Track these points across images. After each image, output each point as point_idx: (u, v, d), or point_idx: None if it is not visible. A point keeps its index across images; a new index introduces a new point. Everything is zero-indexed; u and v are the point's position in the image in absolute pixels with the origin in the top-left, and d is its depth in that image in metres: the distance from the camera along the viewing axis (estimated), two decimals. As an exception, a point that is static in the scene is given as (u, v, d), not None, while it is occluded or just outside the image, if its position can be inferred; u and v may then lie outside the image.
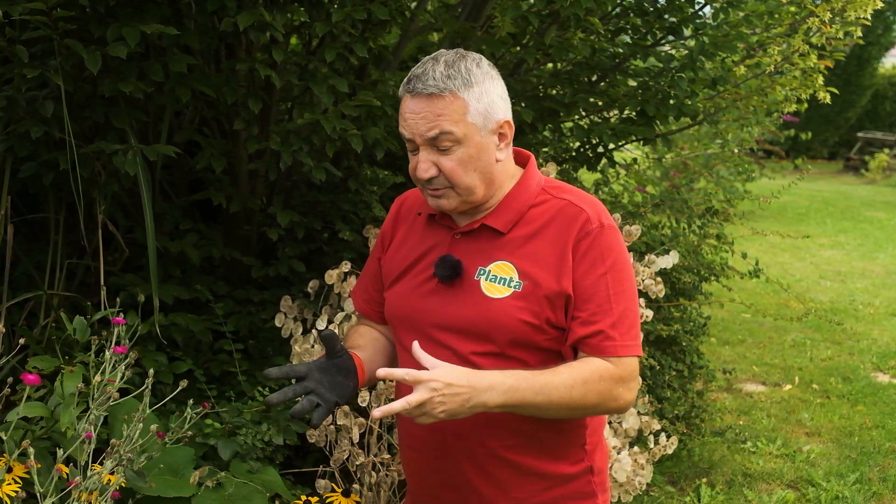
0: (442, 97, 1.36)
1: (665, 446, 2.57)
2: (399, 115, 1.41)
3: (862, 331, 5.51)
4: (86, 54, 2.02)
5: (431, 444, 1.48)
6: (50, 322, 2.34)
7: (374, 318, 1.62)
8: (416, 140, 1.39)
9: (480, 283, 1.42)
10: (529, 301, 1.39)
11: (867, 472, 3.51)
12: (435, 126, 1.36)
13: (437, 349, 1.41)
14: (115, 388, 1.69)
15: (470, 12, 2.79)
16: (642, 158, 4.62)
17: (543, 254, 1.41)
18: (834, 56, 3.20)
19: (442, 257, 1.45)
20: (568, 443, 1.48)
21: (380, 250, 1.61)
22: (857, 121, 14.82)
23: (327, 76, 2.35)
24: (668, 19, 2.86)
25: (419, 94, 1.37)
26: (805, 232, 5.80)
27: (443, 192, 1.41)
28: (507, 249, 1.43)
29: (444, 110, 1.36)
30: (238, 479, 2.09)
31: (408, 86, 1.39)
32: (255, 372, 2.55)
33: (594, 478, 1.52)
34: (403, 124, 1.40)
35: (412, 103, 1.38)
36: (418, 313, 1.47)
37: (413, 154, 1.42)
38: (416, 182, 1.44)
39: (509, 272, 1.41)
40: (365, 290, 1.64)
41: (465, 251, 1.45)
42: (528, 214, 1.44)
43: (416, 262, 1.50)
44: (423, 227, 1.53)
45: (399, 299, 1.51)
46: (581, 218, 1.41)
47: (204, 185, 2.72)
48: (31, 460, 1.45)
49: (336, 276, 2.34)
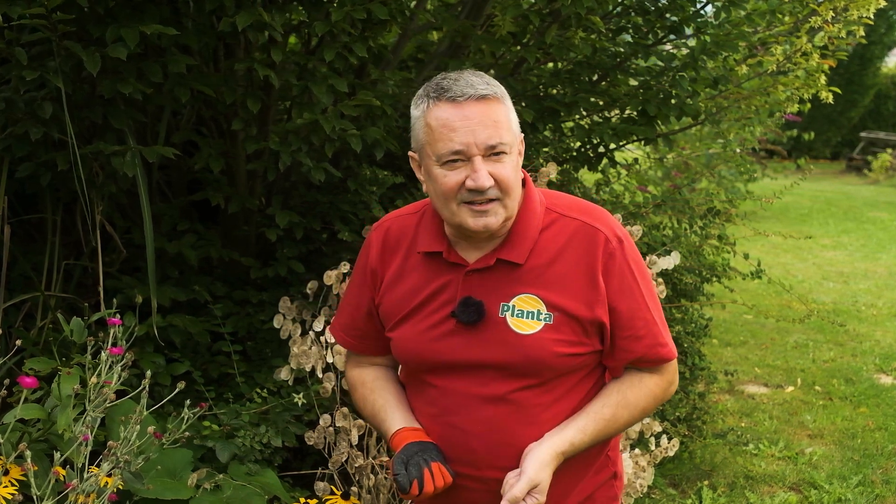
0: (496, 99, 1.31)
1: (666, 448, 2.55)
2: (430, 129, 1.31)
3: (865, 332, 5.49)
4: (85, 55, 2.01)
5: (467, 478, 1.42)
6: (47, 323, 2.33)
7: (369, 351, 1.54)
8: (471, 150, 1.29)
9: (507, 320, 1.37)
10: (562, 332, 1.36)
11: (870, 475, 3.49)
12: (494, 133, 1.29)
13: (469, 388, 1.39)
14: (112, 389, 1.69)
15: (470, 11, 2.78)
16: (643, 158, 4.61)
17: (567, 281, 1.37)
18: (836, 55, 3.18)
19: (464, 300, 1.37)
20: (597, 452, 1.48)
21: (369, 287, 1.49)
22: (859, 121, 14.78)
23: (326, 76, 2.34)
24: (670, 18, 2.85)
25: (469, 99, 1.28)
26: (807, 232, 5.78)
27: (491, 208, 1.32)
28: (527, 281, 1.37)
29: (498, 115, 1.31)
30: (236, 481, 2.08)
31: (445, 94, 1.29)
32: (253, 373, 2.54)
33: (617, 482, 1.53)
34: (449, 136, 1.29)
35: (460, 110, 1.28)
36: (438, 355, 1.41)
37: (454, 167, 1.30)
38: (453, 199, 1.32)
39: (535, 305, 1.36)
40: (353, 327, 1.53)
41: (482, 288, 1.38)
42: (541, 240, 1.38)
43: (424, 303, 1.42)
44: (422, 263, 1.43)
45: (414, 342, 1.43)
46: (600, 239, 1.38)
47: (202, 186, 2.71)
48: (27, 462, 1.45)
49: (335, 276, 2.32)
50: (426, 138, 1.33)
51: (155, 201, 2.64)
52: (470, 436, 1.40)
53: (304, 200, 2.77)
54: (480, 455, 1.40)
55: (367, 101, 2.37)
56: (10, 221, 2.40)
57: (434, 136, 1.31)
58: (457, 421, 1.40)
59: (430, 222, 1.44)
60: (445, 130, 1.30)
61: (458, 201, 1.32)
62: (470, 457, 1.41)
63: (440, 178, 1.32)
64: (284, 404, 2.37)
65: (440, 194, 1.34)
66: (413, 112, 1.36)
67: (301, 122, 2.37)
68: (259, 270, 2.67)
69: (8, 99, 2.14)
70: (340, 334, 1.56)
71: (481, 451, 1.40)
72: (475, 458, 1.40)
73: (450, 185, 1.31)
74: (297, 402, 2.31)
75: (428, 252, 1.42)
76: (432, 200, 1.39)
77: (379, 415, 1.48)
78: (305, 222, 2.67)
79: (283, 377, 2.34)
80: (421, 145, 1.35)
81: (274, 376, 2.39)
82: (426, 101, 1.33)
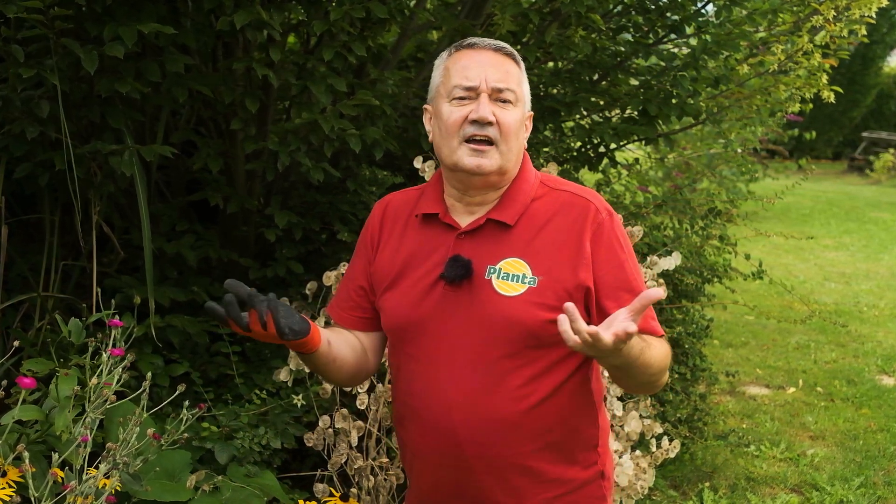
0: (510, 57, 1.42)
1: (667, 450, 2.54)
2: (446, 71, 1.41)
3: (866, 333, 5.48)
4: (82, 54, 2.00)
5: (447, 456, 1.43)
6: (45, 324, 2.32)
7: (356, 325, 1.55)
8: (480, 86, 1.38)
9: (492, 282, 1.39)
10: (546, 296, 1.37)
11: (872, 476, 3.48)
12: (504, 77, 1.39)
13: (452, 354, 1.39)
14: (110, 391, 1.68)
15: (470, 10, 2.77)
16: (644, 158, 4.60)
17: (555, 247, 1.40)
18: (838, 55, 3.17)
19: (453, 257, 1.40)
20: (583, 444, 1.47)
21: (366, 255, 1.54)
22: (861, 120, 14.77)
23: (325, 75, 2.33)
24: (671, 17, 2.84)
25: (486, 48, 1.40)
26: (809, 233, 5.76)
27: (488, 150, 1.38)
28: (516, 246, 1.41)
29: (510, 69, 1.41)
30: (235, 482, 2.08)
31: (466, 43, 1.42)
32: (252, 374, 2.53)
33: (605, 482, 1.51)
34: (463, 73, 1.39)
35: (477, 54, 1.40)
36: (427, 319, 1.42)
37: (461, 103, 1.39)
38: (455, 135, 1.39)
39: (521, 268, 1.39)
40: (347, 299, 1.55)
41: (472, 251, 1.41)
42: (531, 208, 1.43)
43: (416, 266, 1.45)
44: (417, 228, 1.48)
45: (400, 306, 1.45)
46: (591, 209, 1.42)
47: (200, 186, 2.70)
48: (25, 464, 1.44)
49: (334, 277, 2.31)
50: (441, 80, 1.43)
51: (153, 201, 2.63)
52: (452, 409, 1.40)
53: (303, 201, 2.76)
54: (461, 429, 1.40)
55: (366, 100, 2.36)
56: (8, 222, 2.39)
57: (448, 75, 1.41)
58: (439, 394, 1.40)
59: (432, 189, 1.50)
60: (460, 68, 1.40)
61: (461, 138, 1.39)
62: (451, 430, 1.40)
63: (446, 113, 1.40)
64: (283, 406, 2.36)
65: (444, 130, 1.41)
66: (435, 65, 1.47)
67: (300, 121, 2.36)
68: (258, 271, 2.66)
69: (4, 97, 2.13)
70: (335, 310, 1.58)
71: (462, 424, 1.40)
72: (456, 432, 1.40)
73: (455, 118, 1.39)
74: (296, 403, 2.30)
75: (425, 214, 1.47)
76: (435, 144, 1.45)
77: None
78: (304, 223, 2.66)
79: (282, 378, 2.33)
80: (435, 88, 1.45)
81: (273, 377, 2.38)
82: (448, 51, 1.44)
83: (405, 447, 1.55)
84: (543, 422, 1.40)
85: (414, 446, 1.50)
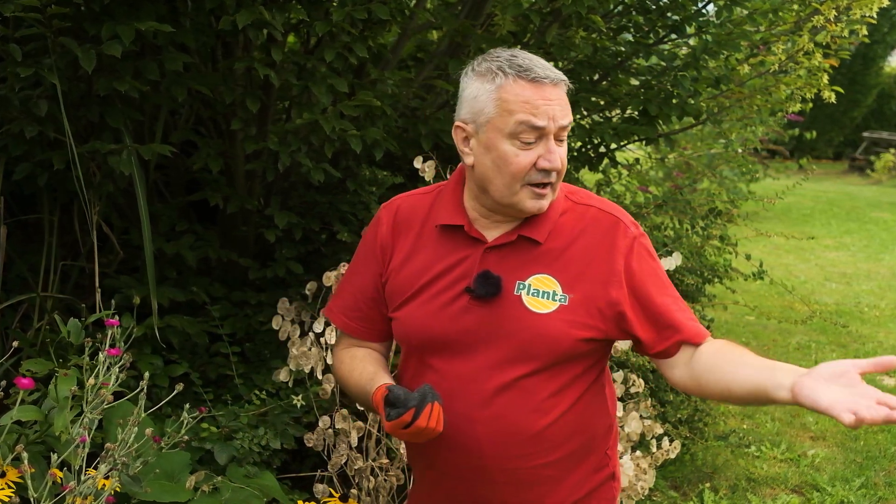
0: (565, 84, 1.36)
1: (668, 450, 2.54)
2: (505, 103, 1.32)
3: (867, 333, 5.47)
4: (80, 52, 2.00)
5: (468, 468, 1.41)
6: (44, 324, 2.32)
7: (367, 336, 1.51)
8: (549, 127, 1.32)
9: (522, 298, 1.36)
10: (577, 314, 1.35)
11: (873, 477, 3.47)
12: (567, 113, 1.35)
13: (476, 369, 1.37)
14: (109, 391, 1.68)
15: (470, 10, 2.77)
16: (645, 158, 4.59)
17: (585, 263, 1.37)
18: (839, 55, 3.16)
19: (483, 273, 1.36)
20: (598, 449, 1.47)
21: (377, 264, 1.47)
22: (862, 120, 14.74)
23: (326, 75, 2.32)
24: (671, 17, 2.83)
25: (547, 82, 1.33)
26: (810, 233, 5.75)
27: (546, 192, 1.35)
28: (544, 262, 1.37)
29: (566, 99, 1.36)
30: (235, 483, 2.07)
31: (526, 73, 1.32)
32: (251, 375, 2.52)
33: (615, 483, 1.51)
34: (528, 110, 1.31)
35: (540, 90, 1.32)
36: (450, 332, 1.38)
37: (527, 147, 1.33)
38: (519, 180, 1.33)
39: (551, 285, 1.36)
40: (355, 308, 1.50)
41: (498, 265, 1.37)
42: (559, 224, 1.40)
43: (437, 278, 1.40)
44: (436, 239, 1.43)
45: (421, 318, 1.40)
46: (620, 227, 1.40)
47: (200, 186, 2.69)
48: (24, 465, 1.44)
49: (334, 277, 2.31)
50: (497, 111, 1.33)
51: (153, 201, 2.63)
52: (475, 423, 1.37)
53: (303, 201, 2.75)
54: (484, 443, 1.38)
55: (366, 101, 2.35)
56: (7, 222, 2.39)
57: (507, 108, 1.32)
58: (460, 407, 1.37)
59: (448, 198, 1.44)
60: (521, 104, 1.32)
61: (524, 182, 1.34)
62: (473, 444, 1.38)
63: (511, 156, 1.33)
64: (283, 406, 2.36)
65: (505, 171, 1.34)
66: (476, 84, 1.36)
67: (300, 122, 2.36)
68: (258, 271, 2.66)
69: (3, 97, 2.13)
70: (340, 317, 1.52)
71: (485, 438, 1.38)
72: (479, 445, 1.38)
73: (522, 164, 1.33)
74: (295, 403, 2.30)
75: (447, 225, 1.41)
76: (485, 177, 1.37)
77: (367, 376, 1.43)
78: (304, 223, 2.65)
79: (281, 379, 2.32)
80: (487, 118, 1.35)
81: (273, 378, 2.38)
82: (502, 76, 1.33)
83: (419, 457, 1.50)
84: (565, 433, 1.39)
85: (431, 458, 1.45)
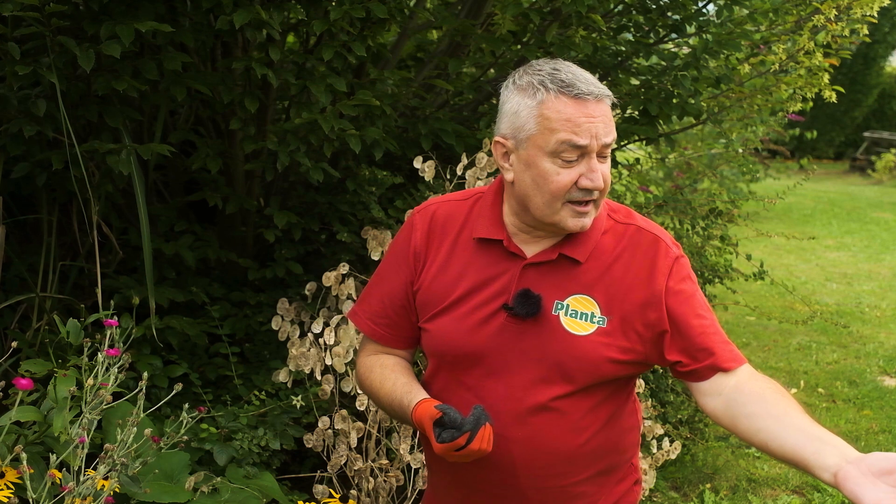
0: (608, 99, 1.31)
1: (668, 451, 2.53)
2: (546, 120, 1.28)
3: (868, 334, 5.46)
4: (79, 52, 1.99)
5: (501, 486, 1.39)
6: (43, 325, 2.32)
7: (394, 343, 1.47)
8: (591, 145, 1.28)
9: (560, 319, 1.33)
10: (615, 337, 1.33)
11: (874, 477, 3.46)
12: (610, 129, 1.30)
13: (512, 388, 1.35)
14: (108, 391, 1.67)
15: (470, 9, 2.76)
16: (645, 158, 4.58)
17: (624, 285, 1.34)
18: (840, 54, 3.16)
19: (523, 292, 1.33)
20: (626, 461, 1.47)
21: (409, 271, 1.43)
22: (863, 120, 14.73)
23: (325, 75, 2.32)
24: (672, 17, 2.83)
25: (590, 98, 1.28)
26: (810, 233, 5.74)
27: (589, 209, 1.31)
28: (584, 282, 1.34)
29: (609, 115, 1.31)
30: (234, 484, 2.07)
31: (569, 89, 1.28)
32: (251, 375, 2.52)
33: (637, 487, 1.52)
34: (570, 128, 1.27)
35: (582, 106, 1.28)
36: (485, 349, 1.35)
37: (569, 165, 1.29)
38: (560, 198, 1.30)
39: (590, 306, 1.33)
40: (382, 314, 1.45)
41: (537, 283, 1.34)
42: (600, 243, 1.36)
43: (473, 292, 1.36)
44: (473, 251, 1.39)
45: (455, 333, 1.37)
46: (662, 247, 1.36)
47: (199, 186, 2.69)
48: (23, 465, 1.44)
49: (334, 278, 2.30)
50: (538, 128, 1.30)
51: (152, 202, 2.62)
52: (510, 442, 1.35)
53: (302, 201, 2.75)
54: (518, 462, 1.36)
55: (366, 100, 2.35)
56: (6, 222, 2.38)
57: (549, 126, 1.28)
58: (494, 427, 1.32)
59: (487, 209, 1.40)
60: (563, 121, 1.28)
61: (565, 199, 1.30)
62: (507, 462, 1.36)
63: (551, 174, 1.30)
64: (283, 407, 2.35)
65: (546, 190, 1.30)
66: (517, 98, 1.32)
67: (299, 121, 2.36)
68: (257, 271, 2.65)
69: (1, 96, 2.13)
70: (367, 323, 1.47)
71: (520, 458, 1.36)
72: (513, 465, 1.36)
73: (563, 182, 1.29)
74: (295, 404, 2.29)
75: (485, 239, 1.38)
76: (525, 194, 1.33)
77: (402, 388, 1.39)
78: (304, 223, 2.65)
79: (281, 379, 2.32)
80: (528, 135, 1.31)
81: (272, 378, 2.37)
82: (544, 91, 1.29)
83: (444, 472, 1.47)
84: (599, 451, 1.39)
85: (460, 475, 1.42)
